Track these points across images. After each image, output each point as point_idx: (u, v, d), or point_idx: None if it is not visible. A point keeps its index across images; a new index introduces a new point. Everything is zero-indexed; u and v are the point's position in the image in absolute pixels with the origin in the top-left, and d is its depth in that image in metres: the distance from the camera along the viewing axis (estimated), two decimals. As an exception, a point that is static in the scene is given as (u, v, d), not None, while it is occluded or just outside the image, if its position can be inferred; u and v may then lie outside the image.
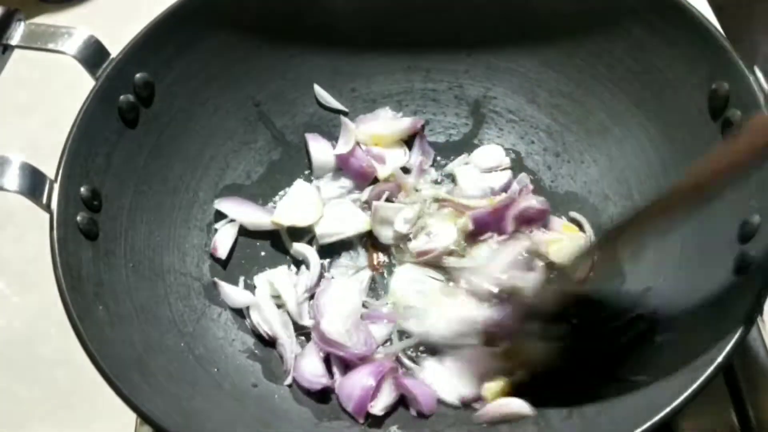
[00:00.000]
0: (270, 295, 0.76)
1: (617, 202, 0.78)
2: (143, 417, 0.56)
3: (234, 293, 0.75)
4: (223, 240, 0.78)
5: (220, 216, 0.80)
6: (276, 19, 0.79)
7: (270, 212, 0.81)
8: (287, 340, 0.73)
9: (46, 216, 0.63)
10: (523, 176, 0.82)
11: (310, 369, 0.71)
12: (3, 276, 0.87)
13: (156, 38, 0.73)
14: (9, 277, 0.87)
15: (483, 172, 0.83)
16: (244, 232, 0.80)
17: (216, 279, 0.76)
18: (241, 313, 0.76)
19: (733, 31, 0.70)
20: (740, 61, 0.66)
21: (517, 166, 0.84)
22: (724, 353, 0.56)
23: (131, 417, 0.71)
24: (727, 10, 0.80)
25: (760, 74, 0.65)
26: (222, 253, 0.78)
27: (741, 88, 0.65)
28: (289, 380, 0.72)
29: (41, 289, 0.62)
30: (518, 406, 0.67)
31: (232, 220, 0.80)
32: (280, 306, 0.76)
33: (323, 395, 0.71)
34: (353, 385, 0.69)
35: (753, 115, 0.64)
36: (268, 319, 0.74)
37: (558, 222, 0.80)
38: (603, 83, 0.78)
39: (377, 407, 0.69)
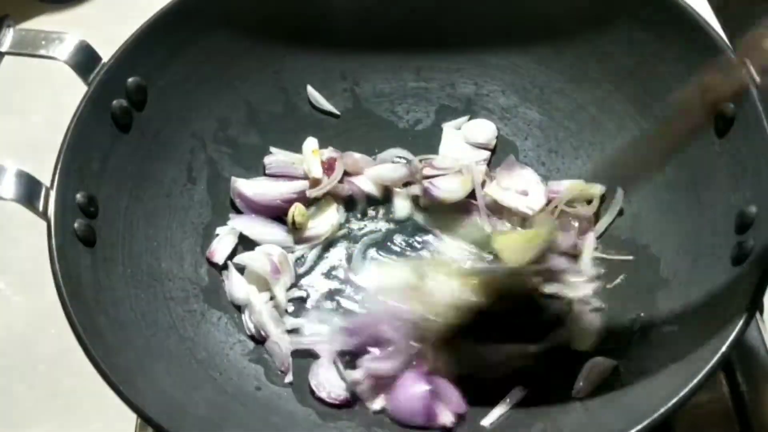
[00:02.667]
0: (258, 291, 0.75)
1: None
2: (151, 423, 0.56)
3: (239, 283, 0.75)
4: (223, 246, 0.78)
5: (218, 219, 0.80)
6: (268, 20, 0.79)
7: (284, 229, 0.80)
8: (279, 336, 0.73)
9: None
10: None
11: (331, 381, 0.70)
12: (3, 276, 0.87)
13: (147, 42, 0.73)
14: (9, 277, 0.87)
15: (469, 144, 0.84)
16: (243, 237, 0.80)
17: (229, 262, 0.76)
18: (240, 314, 0.75)
19: (733, 31, 0.70)
20: (732, 53, 0.66)
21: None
22: (724, 347, 0.56)
23: (131, 417, 0.71)
24: (727, 10, 0.81)
25: (752, 67, 0.66)
26: (219, 258, 0.77)
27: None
28: (289, 378, 0.71)
29: (41, 289, 0.62)
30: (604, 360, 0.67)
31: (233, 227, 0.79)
32: (271, 298, 0.76)
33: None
34: (408, 398, 0.67)
35: (745, 107, 0.65)
36: (257, 313, 0.73)
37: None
38: (596, 79, 0.78)
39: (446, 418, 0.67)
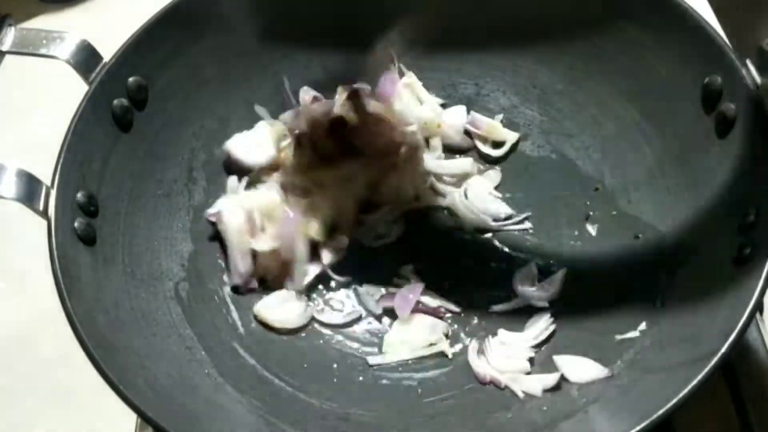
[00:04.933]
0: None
1: (613, 197, 0.78)
2: (151, 423, 0.56)
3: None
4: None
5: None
6: (268, 20, 0.79)
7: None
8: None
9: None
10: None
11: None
12: (3, 276, 0.87)
13: (148, 41, 0.73)
14: (9, 277, 0.86)
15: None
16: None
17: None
18: (241, 314, 0.75)
19: (733, 31, 0.71)
20: (732, 54, 0.67)
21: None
22: (724, 348, 0.56)
23: (132, 417, 0.71)
24: (727, 10, 0.81)
25: (752, 67, 0.66)
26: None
27: (734, 81, 0.66)
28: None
29: (41, 289, 0.62)
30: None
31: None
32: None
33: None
34: None
35: (746, 108, 0.65)
36: None
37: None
38: (596, 79, 0.78)
39: None
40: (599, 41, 0.76)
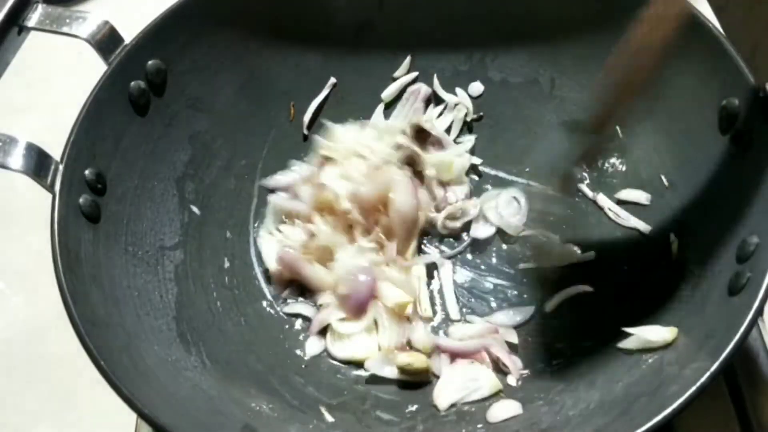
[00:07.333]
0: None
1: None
2: (129, 403, 0.57)
3: None
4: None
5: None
6: (288, 15, 0.80)
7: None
8: None
9: (48, 215, 0.63)
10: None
11: None
12: (3, 276, 0.87)
13: (170, 26, 0.74)
14: (9, 277, 0.87)
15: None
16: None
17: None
18: (236, 303, 0.76)
19: (733, 31, 0.69)
20: (752, 78, 0.65)
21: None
22: (725, 353, 0.55)
23: (131, 417, 0.70)
24: (727, 10, 0.79)
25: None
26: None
27: (751, 106, 0.64)
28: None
29: (42, 290, 0.62)
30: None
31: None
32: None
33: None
34: None
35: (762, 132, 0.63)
36: None
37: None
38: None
39: None
40: (605, 43, 0.74)
